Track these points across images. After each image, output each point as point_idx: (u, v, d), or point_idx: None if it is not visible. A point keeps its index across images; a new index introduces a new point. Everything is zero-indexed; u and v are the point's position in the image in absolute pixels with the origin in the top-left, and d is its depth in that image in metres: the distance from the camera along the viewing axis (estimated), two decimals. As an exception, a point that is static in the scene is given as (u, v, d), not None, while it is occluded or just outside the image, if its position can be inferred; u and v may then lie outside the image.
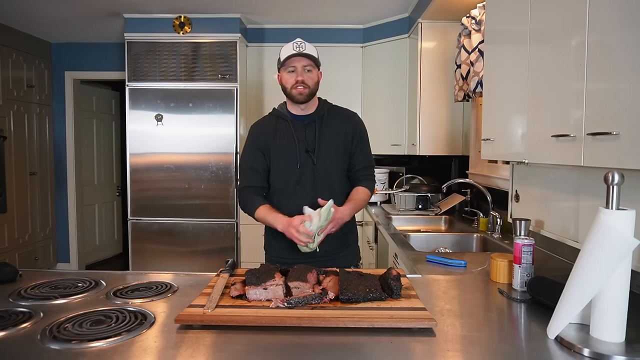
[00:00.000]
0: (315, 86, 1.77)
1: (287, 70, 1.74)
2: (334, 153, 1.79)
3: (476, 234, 2.55)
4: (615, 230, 0.95)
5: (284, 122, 1.81)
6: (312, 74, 1.74)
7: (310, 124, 1.80)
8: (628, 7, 1.05)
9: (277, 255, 1.85)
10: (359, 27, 4.23)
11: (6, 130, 4.13)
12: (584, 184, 1.66)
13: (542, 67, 1.49)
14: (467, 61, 2.70)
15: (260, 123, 1.89)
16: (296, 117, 1.81)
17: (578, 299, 1.00)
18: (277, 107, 1.87)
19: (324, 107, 1.84)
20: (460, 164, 3.51)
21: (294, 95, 1.74)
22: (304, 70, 1.72)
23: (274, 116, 1.85)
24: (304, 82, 1.72)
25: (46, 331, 1.05)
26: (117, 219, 5.75)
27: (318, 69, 1.78)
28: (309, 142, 1.77)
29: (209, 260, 3.97)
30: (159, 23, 3.91)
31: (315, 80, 1.76)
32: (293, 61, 1.71)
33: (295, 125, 1.79)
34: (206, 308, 1.14)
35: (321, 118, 1.81)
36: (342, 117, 1.85)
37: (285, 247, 1.79)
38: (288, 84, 1.74)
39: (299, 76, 1.72)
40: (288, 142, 1.78)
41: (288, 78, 1.74)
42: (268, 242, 1.94)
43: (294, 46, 1.71)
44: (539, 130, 1.49)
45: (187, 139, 3.95)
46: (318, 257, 1.75)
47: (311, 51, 1.72)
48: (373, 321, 1.08)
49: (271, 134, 1.81)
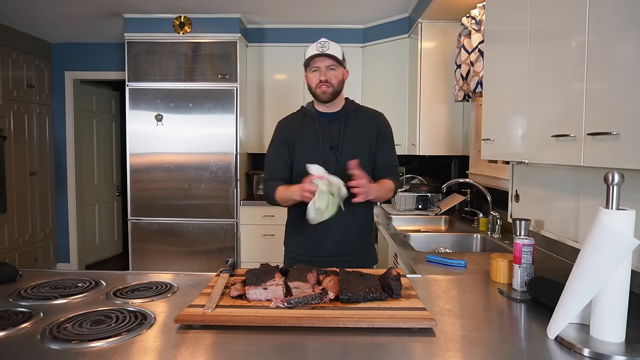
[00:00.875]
0: (340, 85, 1.80)
1: (312, 70, 1.78)
2: (357, 151, 1.80)
3: (476, 234, 2.55)
4: (615, 230, 0.95)
5: (310, 118, 1.85)
6: (335, 72, 1.77)
7: (336, 121, 1.83)
8: (628, 7, 1.05)
9: (298, 252, 1.87)
10: (359, 27, 4.23)
11: (6, 130, 4.13)
12: (584, 184, 1.66)
13: (542, 67, 1.49)
14: (467, 61, 2.70)
15: (287, 119, 1.94)
16: (322, 114, 1.85)
17: (578, 299, 1.00)
18: (305, 105, 1.91)
19: (350, 106, 1.87)
20: (460, 164, 3.51)
21: (319, 95, 1.78)
22: (327, 70, 1.76)
23: (301, 113, 1.90)
24: (327, 81, 1.75)
25: (46, 331, 1.05)
26: (117, 219, 5.75)
27: (343, 67, 1.80)
28: (333, 138, 1.80)
29: (209, 260, 3.97)
30: (159, 23, 3.91)
31: (340, 79, 1.79)
32: (316, 61, 1.75)
33: (320, 121, 1.83)
34: (206, 308, 1.14)
35: (347, 116, 1.84)
36: (368, 116, 1.88)
37: (306, 243, 1.82)
38: (312, 84, 1.79)
39: (322, 75, 1.75)
40: (313, 137, 1.82)
41: (312, 78, 1.79)
42: (288, 237, 1.94)
43: (317, 46, 1.75)
44: (539, 130, 1.49)
45: (187, 139, 3.95)
46: (336, 258, 1.77)
47: (334, 51, 1.75)
48: (373, 321, 1.08)
49: (297, 129, 1.85)
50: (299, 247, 1.86)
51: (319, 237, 1.79)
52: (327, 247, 1.80)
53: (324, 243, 1.80)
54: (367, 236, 1.91)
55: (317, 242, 1.80)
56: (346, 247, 1.81)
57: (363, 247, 1.88)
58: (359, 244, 1.86)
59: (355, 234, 1.83)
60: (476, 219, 2.76)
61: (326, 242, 1.80)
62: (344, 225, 1.79)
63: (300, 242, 1.85)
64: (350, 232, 1.82)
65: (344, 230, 1.80)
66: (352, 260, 1.79)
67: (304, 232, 1.81)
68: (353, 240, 1.83)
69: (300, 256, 1.84)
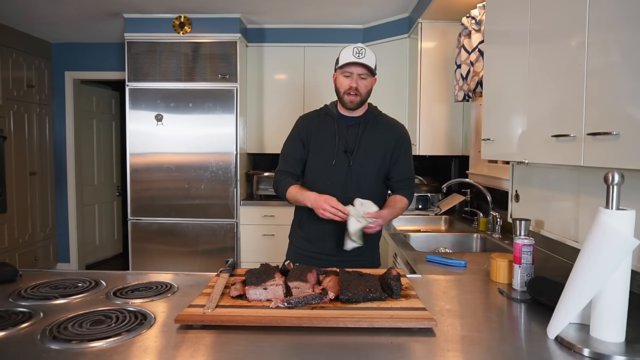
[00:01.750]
0: (367, 94, 1.80)
1: (343, 75, 1.76)
2: (371, 158, 1.81)
3: (476, 234, 2.55)
4: (615, 230, 0.95)
5: (330, 119, 1.85)
6: (366, 82, 1.76)
7: (354, 126, 1.82)
8: (628, 7, 1.05)
9: (301, 247, 1.89)
10: (359, 27, 4.23)
11: (6, 130, 4.13)
12: (584, 184, 1.66)
13: (542, 67, 1.49)
14: (467, 61, 2.70)
15: (307, 116, 1.94)
16: (343, 116, 1.85)
17: (578, 299, 1.00)
18: (329, 104, 1.90)
19: (372, 113, 1.87)
20: (460, 164, 3.51)
21: (345, 101, 1.78)
22: (359, 78, 1.74)
23: (322, 112, 1.90)
24: (357, 90, 1.74)
25: (46, 331, 1.05)
26: (117, 219, 5.75)
27: (374, 76, 1.79)
28: (349, 142, 1.80)
29: (209, 260, 3.97)
30: (159, 23, 3.91)
31: (369, 89, 1.79)
32: (350, 67, 1.73)
33: (339, 124, 1.83)
34: (206, 308, 1.14)
35: (366, 122, 1.83)
36: (387, 125, 1.88)
37: (308, 239, 1.84)
38: (342, 88, 1.77)
39: (353, 82, 1.74)
40: (329, 138, 1.82)
41: (343, 81, 1.77)
42: (293, 232, 1.96)
43: (354, 51, 1.72)
44: (539, 130, 1.49)
45: (187, 139, 3.95)
46: (337, 257, 1.77)
47: (369, 60, 1.73)
48: (373, 321, 1.08)
49: (315, 127, 1.86)
50: (303, 242, 1.88)
51: (323, 234, 1.80)
52: (329, 245, 1.81)
53: (327, 240, 1.81)
54: (372, 241, 1.89)
55: (321, 239, 1.82)
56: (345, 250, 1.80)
57: (364, 250, 1.85)
58: (360, 247, 1.84)
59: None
60: (476, 219, 2.76)
61: (329, 239, 1.80)
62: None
63: (304, 237, 1.87)
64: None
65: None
66: (353, 260, 1.78)
67: (309, 228, 1.84)
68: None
69: (303, 251, 1.87)
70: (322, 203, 1.64)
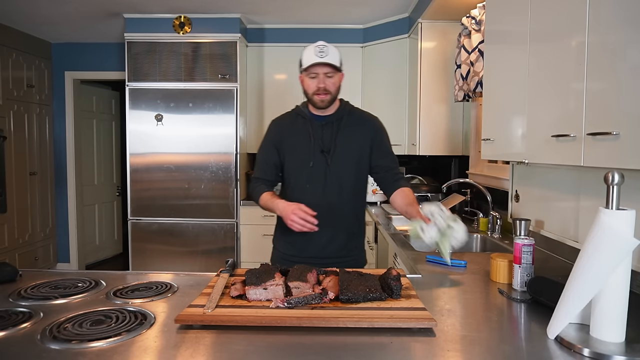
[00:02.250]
0: (337, 91, 1.77)
1: (309, 76, 1.73)
2: (349, 156, 1.79)
3: (476, 234, 2.55)
4: (615, 230, 0.95)
5: (303, 120, 1.83)
6: (333, 80, 1.74)
7: (328, 125, 1.80)
8: (628, 7, 1.05)
9: (285, 252, 1.87)
10: (359, 27, 4.23)
11: (6, 130, 4.13)
12: (584, 184, 1.66)
13: (542, 67, 1.49)
14: (467, 61, 2.70)
15: (279, 119, 1.92)
16: (316, 116, 1.82)
17: (578, 299, 1.00)
18: (300, 105, 1.88)
19: (344, 109, 1.84)
20: (460, 164, 3.51)
21: (316, 102, 1.75)
22: (325, 77, 1.72)
23: (294, 113, 1.87)
24: (325, 89, 1.72)
25: (46, 331, 1.05)
26: (117, 219, 5.75)
27: (340, 71, 1.77)
28: (325, 142, 1.78)
29: (209, 260, 3.97)
30: (159, 23, 3.91)
31: (337, 86, 1.76)
32: (315, 68, 1.71)
33: (313, 124, 1.80)
34: (206, 308, 1.14)
35: (340, 120, 1.81)
36: (361, 120, 1.85)
37: (292, 243, 1.83)
38: (310, 90, 1.75)
39: (320, 83, 1.71)
40: (304, 140, 1.79)
41: (310, 83, 1.74)
42: (277, 237, 1.95)
43: (316, 51, 1.69)
44: (539, 130, 1.49)
45: (187, 139, 3.95)
46: (322, 260, 1.76)
47: (333, 59, 1.70)
48: (373, 321, 1.08)
49: (288, 131, 1.83)
50: (287, 247, 1.86)
51: (307, 239, 1.77)
52: (312, 250, 1.79)
53: (311, 245, 1.79)
54: (356, 240, 1.89)
55: (305, 243, 1.79)
56: (331, 250, 1.80)
57: (350, 250, 1.86)
58: (345, 247, 1.84)
59: (342, 238, 1.82)
60: (476, 219, 2.76)
61: (313, 244, 1.78)
62: (331, 230, 1.78)
63: (288, 242, 1.85)
64: (337, 236, 1.80)
65: (331, 235, 1.79)
66: (337, 263, 1.75)
67: (292, 233, 1.78)
68: (339, 245, 1.81)
69: (288, 256, 1.84)
70: (290, 214, 1.59)
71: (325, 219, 1.76)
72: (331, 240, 1.80)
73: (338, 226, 1.80)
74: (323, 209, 1.73)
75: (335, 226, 1.79)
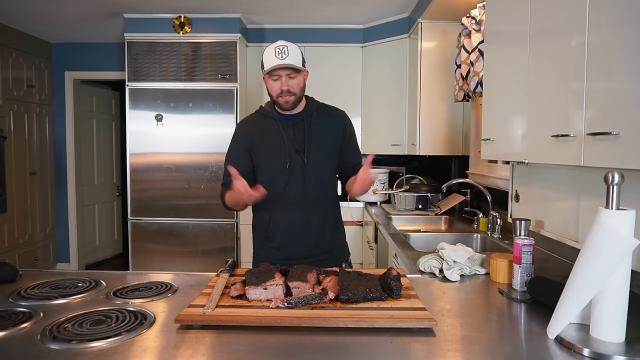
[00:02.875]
0: (301, 91, 1.73)
1: (272, 79, 1.69)
2: (324, 152, 1.78)
3: (476, 234, 2.55)
4: (615, 230, 0.95)
5: (272, 121, 1.79)
6: (297, 80, 1.69)
7: (299, 123, 1.77)
8: (628, 7, 1.05)
9: (270, 256, 1.80)
10: (359, 27, 4.22)
11: (6, 130, 4.13)
12: (584, 184, 1.66)
13: (542, 67, 1.49)
14: (467, 61, 2.70)
15: (246, 122, 1.88)
16: (284, 116, 1.78)
17: (578, 299, 1.00)
18: (265, 106, 1.84)
19: (312, 106, 1.81)
20: (460, 164, 3.51)
21: (281, 104, 1.72)
22: (288, 78, 1.67)
23: (261, 115, 1.83)
24: (289, 91, 1.68)
25: (46, 331, 1.05)
26: (117, 219, 5.75)
27: (303, 70, 1.71)
28: (298, 141, 1.75)
29: (209, 260, 3.97)
30: (159, 23, 3.91)
31: (301, 86, 1.72)
32: (276, 70, 1.66)
33: (283, 124, 1.76)
34: (206, 308, 1.14)
35: (310, 117, 1.78)
36: (330, 115, 1.85)
37: (278, 248, 1.80)
38: (274, 92, 1.71)
39: (283, 85, 1.67)
40: (276, 141, 1.75)
41: (273, 85, 1.70)
42: (259, 244, 1.88)
43: (276, 52, 1.64)
44: (539, 130, 1.49)
45: (187, 139, 3.95)
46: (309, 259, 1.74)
47: (293, 59, 1.64)
48: (373, 321, 1.08)
49: (258, 133, 1.79)
50: (273, 252, 1.80)
51: (294, 241, 1.77)
52: (299, 251, 1.77)
53: (298, 247, 1.77)
54: (339, 235, 1.89)
55: (292, 245, 1.78)
56: (318, 250, 1.79)
57: (334, 245, 1.86)
58: (330, 243, 1.84)
59: (328, 234, 1.82)
60: (476, 219, 2.76)
61: (301, 245, 1.77)
62: (317, 229, 1.77)
63: (273, 247, 1.80)
64: (324, 234, 1.80)
65: (317, 233, 1.78)
66: (324, 259, 1.77)
67: (277, 237, 1.78)
68: (327, 241, 1.81)
69: (274, 260, 1.75)
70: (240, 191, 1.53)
71: (308, 218, 1.76)
72: (318, 239, 1.79)
73: (323, 223, 1.79)
74: (304, 208, 1.73)
75: (319, 224, 1.78)
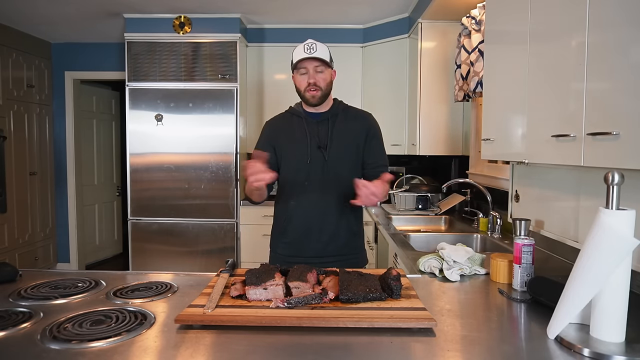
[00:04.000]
0: (328, 86, 1.78)
1: (300, 73, 1.76)
2: (346, 151, 1.80)
3: (476, 234, 2.55)
4: (615, 230, 0.95)
5: (298, 118, 1.84)
6: (323, 75, 1.75)
7: (324, 122, 1.81)
8: (628, 7, 1.05)
9: (284, 253, 1.85)
10: (359, 27, 4.23)
11: (6, 130, 4.13)
12: (584, 184, 1.66)
13: (542, 67, 1.49)
14: (467, 61, 2.70)
15: (275, 119, 1.94)
16: (310, 114, 1.83)
17: (578, 299, 1.00)
18: (294, 106, 1.90)
19: (338, 107, 1.86)
20: (460, 164, 3.51)
21: (308, 98, 1.76)
22: (315, 72, 1.73)
23: (289, 113, 1.89)
24: (315, 84, 1.73)
25: (46, 331, 1.05)
26: (117, 219, 5.75)
27: (331, 68, 1.78)
28: (321, 138, 1.79)
29: (209, 260, 3.97)
30: (159, 23, 3.91)
31: (328, 81, 1.77)
32: (304, 63, 1.73)
33: (308, 121, 1.82)
34: (206, 308, 1.14)
35: (335, 116, 1.82)
36: (356, 116, 1.87)
37: (291, 244, 1.81)
38: (301, 87, 1.77)
39: (310, 78, 1.73)
40: (300, 137, 1.80)
41: (300, 80, 1.76)
42: (274, 240, 1.91)
43: (304, 48, 1.72)
44: (539, 130, 1.49)
45: (187, 139, 3.95)
46: (322, 259, 1.76)
47: (321, 53, 1.72)
48: (373, 321, 1.08)
49: (284, 129, 1.85)
50: (285, 248, 1.84)
51: (307, 239, 1.78)
52: (313, 249, 1.78)
53: (311, 245, 1.78)
54: (356, 239, 1.88)
55: (305, 243, 1.79)
56: (332, 249, 1.79)
57: (352, 248, 1.86)
58: (346, 246, 1.83)
59: (344, 236, 1.81)
60: (476, 219, 2.76)
61: (313, 243, 1.78)
62: (332, 228, 1.78)
63: (287, 243, 1.83)
64: (339, 234, 1.80)
65: (332, 232, 1.78)
66: (338, 261, 1.77)
67: (290, 234, 1.81)
68: (342, 242, 1.81)
69: (287, 257, 1.82)
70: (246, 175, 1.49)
71: (324, 216, 1.77)
72: (332, 238, 1.79)
73: (339, 223, 1.80)
74: (322, 205, 1.74)
75: (336, 223, 1.79)
